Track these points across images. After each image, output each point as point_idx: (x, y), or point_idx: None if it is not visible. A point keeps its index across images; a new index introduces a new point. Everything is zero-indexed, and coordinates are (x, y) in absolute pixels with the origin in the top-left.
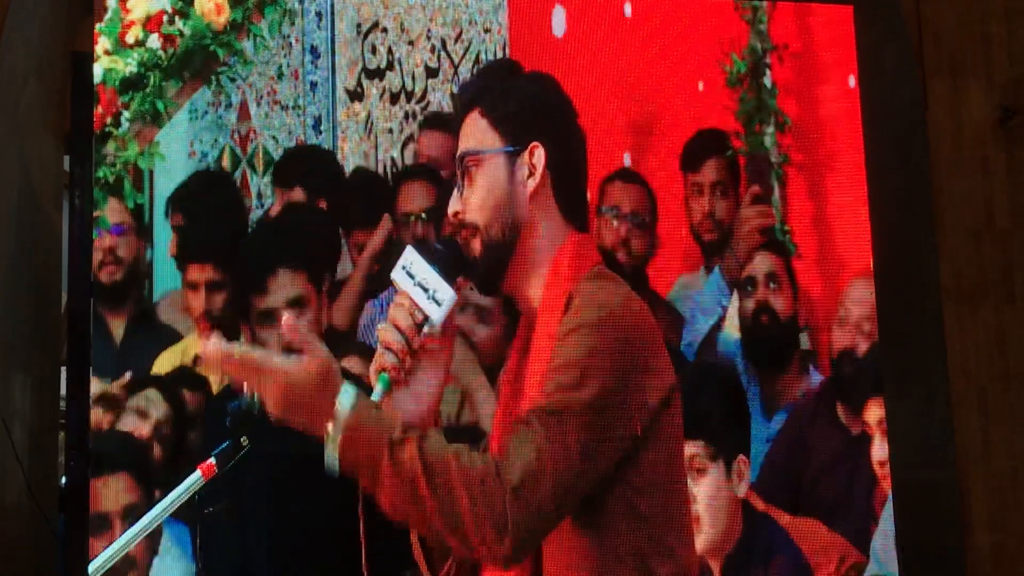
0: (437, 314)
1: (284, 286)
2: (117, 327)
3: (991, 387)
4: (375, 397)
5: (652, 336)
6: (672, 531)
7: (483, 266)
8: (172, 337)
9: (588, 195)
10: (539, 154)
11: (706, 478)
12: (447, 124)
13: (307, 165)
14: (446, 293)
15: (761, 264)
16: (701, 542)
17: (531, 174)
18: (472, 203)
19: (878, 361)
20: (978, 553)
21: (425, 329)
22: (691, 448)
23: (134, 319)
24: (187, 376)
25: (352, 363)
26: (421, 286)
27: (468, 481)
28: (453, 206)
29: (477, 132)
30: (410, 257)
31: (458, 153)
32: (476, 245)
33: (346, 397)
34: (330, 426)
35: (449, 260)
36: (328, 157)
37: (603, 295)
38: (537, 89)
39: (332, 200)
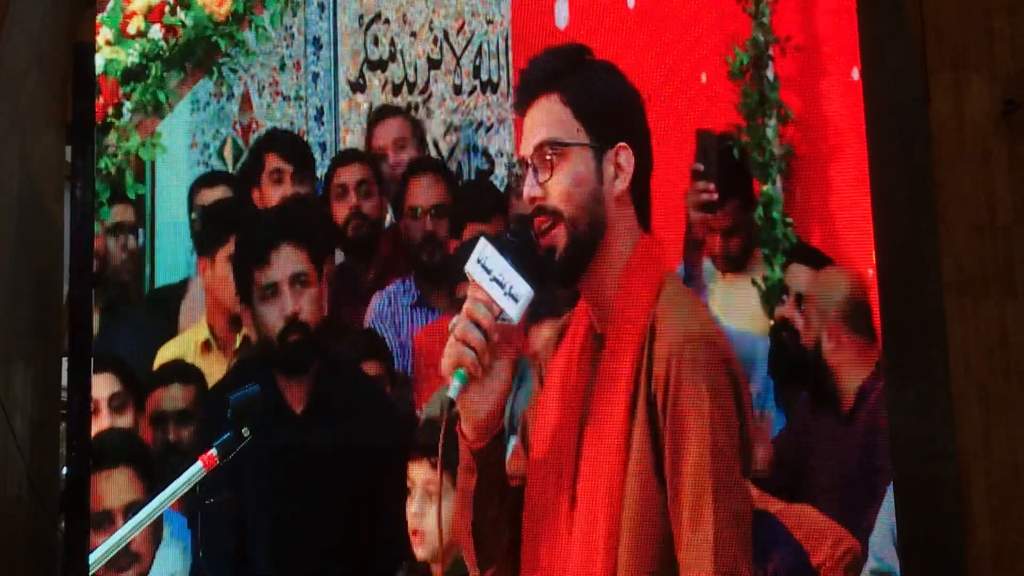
0: (515, 311)
1: (287, 260)
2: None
3: (992, 382)
4: (452, 393)
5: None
6: None
7: (567, 260)
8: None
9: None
10: (627, 156)
11: None
12: (400, 112)
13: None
14: (523, 288)
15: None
16: None
17: (618, 175)
18: (555, 192)
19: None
20: (979, 548)
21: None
22: None
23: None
24: (185, 368)
25: (370, 367)
26: (497, 281)
27: None
28: (530, 191)
29: (555, 119)
30: (485, 251)
31: (537, 140)
32: (560, 236)
33: None
34: None
35: (521, 252)
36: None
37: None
38: (616, 82)
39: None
